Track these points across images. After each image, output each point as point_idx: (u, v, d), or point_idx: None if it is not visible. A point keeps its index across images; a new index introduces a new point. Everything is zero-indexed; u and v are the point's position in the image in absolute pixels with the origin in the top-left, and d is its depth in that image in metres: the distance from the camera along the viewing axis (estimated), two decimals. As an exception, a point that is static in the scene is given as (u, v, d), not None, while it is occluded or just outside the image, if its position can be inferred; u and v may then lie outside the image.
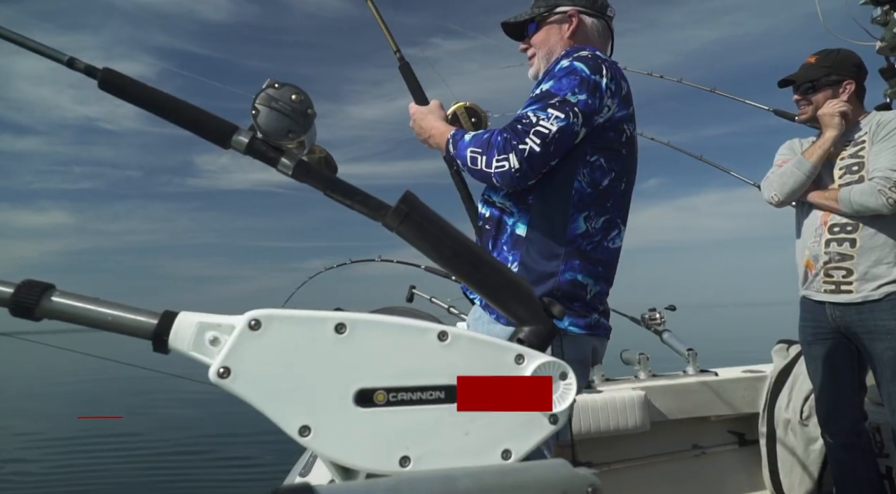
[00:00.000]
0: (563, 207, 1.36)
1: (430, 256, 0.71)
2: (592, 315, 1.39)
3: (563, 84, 1.32)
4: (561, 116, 1.27)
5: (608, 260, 1.43)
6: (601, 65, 1.36)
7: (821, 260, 2.22)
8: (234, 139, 0.69)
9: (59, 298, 0.60)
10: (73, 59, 0.68)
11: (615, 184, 1.41)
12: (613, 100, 1.36)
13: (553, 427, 0.61)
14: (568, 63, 1.36)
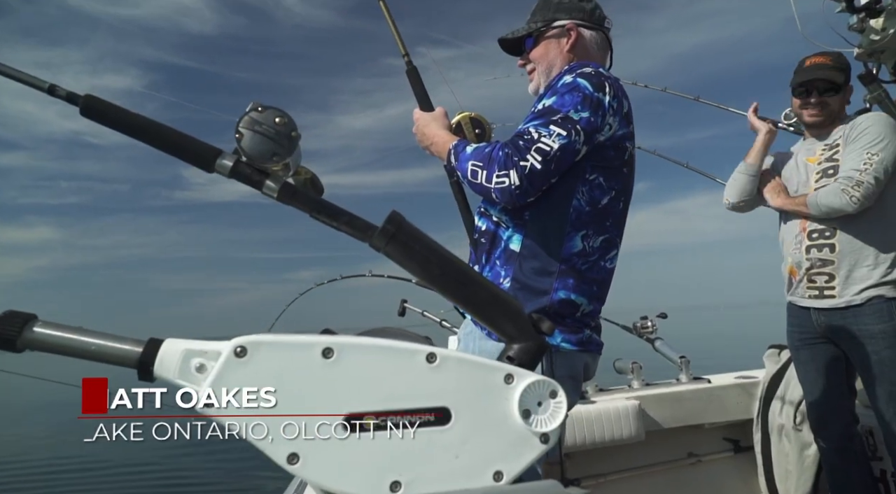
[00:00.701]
0: (560, 225, 1.34)
1: (419, 275, 0.71)
2: (584, 331, 1.38)
3: (566, 100, 1.30)
4: (563, 133, 1.26)
5: (603, 279, 1.41)
6: (604, 82, 1.34)
7: (803, 266, 2.23)
8: (218, 163, 0.69)
9: (42, 329, 0.59)
10: (53, 86, 0.67)
11: (614, 204, 1.40)
12: (615, 118, 1.35)
13: (544, 446, 0.60)
14: (571, 79, 1.34)
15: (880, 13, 2.43)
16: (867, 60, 2.58)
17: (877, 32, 2.45)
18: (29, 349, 0.59)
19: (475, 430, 0.59)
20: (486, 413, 0.60)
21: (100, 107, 0.67)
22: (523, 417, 0.60)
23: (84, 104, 0.67)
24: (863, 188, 2.02)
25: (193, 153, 0.69)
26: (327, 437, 0.56)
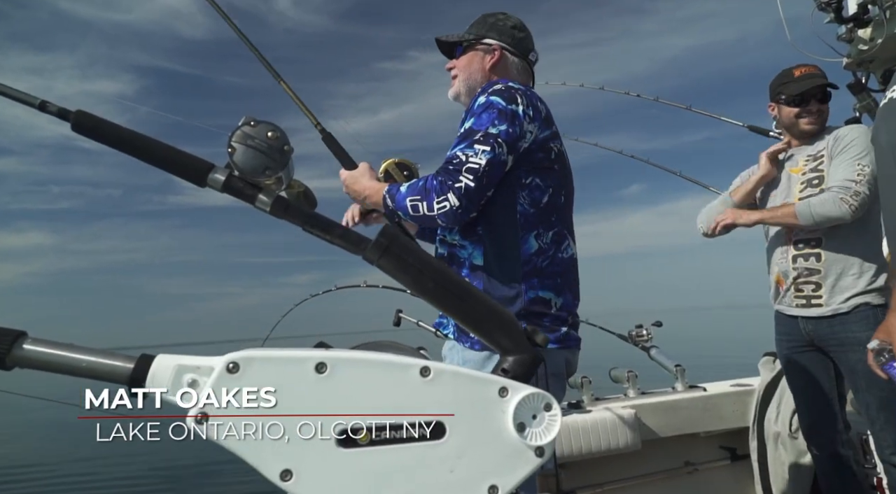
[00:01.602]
0: (513, 231, 1.43)
1: (412, 288, 0.71)
2: (562, 328, 1.45)
3: (483, 119, 1.40)
4: (487, 149, 1.35)
5: (565, 270, 1.49)
6: (515, 94, 1.43)
7: (790, 275, 2.24)
8: (211, 177, 0.69)
9: (32, 346, 0.58)
10: (44, 102, 0.67)
11: (555, 199, 1.49)
12: (534, 124, 1.44)
13: (539, 460, 0.60)
14: (484, 99, 1.44)
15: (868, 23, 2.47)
16: (856, 70, 2.61)
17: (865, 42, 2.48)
18: (19, 366, 0.58)
19: (470, 444, 0.59)
20: (480, 426, 0.59)
21: (91, 122, 0.67)
22: (518, 430, 0.60)
23: (75, 120, 0.67)
24: (860, 198, 2.04)
25: (185, 168, 0.68)
26: (321, 453, 0.55)
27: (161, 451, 8.72)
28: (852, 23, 2.48)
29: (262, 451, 0.54)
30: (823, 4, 2.51)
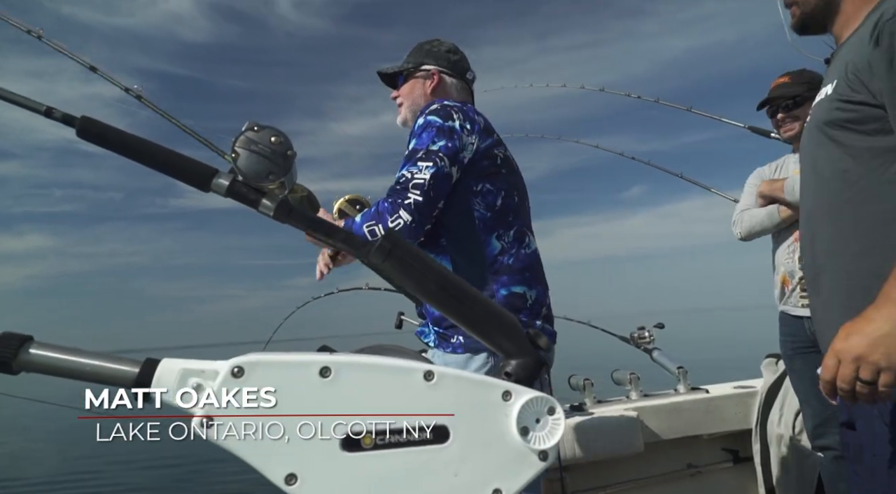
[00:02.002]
0: (474, 237, 1.54)
1: (415, 292, 0.71)
2: (536, 322, 1.54)
3: (424, 138, 1.50)
4: (430, 165, 1.45)
5: (531, 263, 1.59)
6: (450, 111, 1.54)
7: (796, 275, 2.25)
8: (215, 182, 0.69)
9: (38, 350, 0.59)
10: (50, 108, 0.68)
11: (509, 200, 1.59)
12: (473, 135, 1.54)
13: (543, 463, 0.60)
14: (423, 120, 1.55)
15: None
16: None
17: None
18: (25, 371, 0.59)
19: (473, 448, 0.59)
20: (484, 430, 0.60)
21: (96, 128, 0.67)
22: (522, 434, 0.60)
23: (80, 126, 0.67)
24: None
25: (189, 173, 0.69)
26: (325, 456, 0.55)
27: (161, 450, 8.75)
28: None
29: (266, 455, 0.55)
30: (824, 5, 2.52)
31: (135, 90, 2.19)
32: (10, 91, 0.69)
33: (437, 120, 1.52)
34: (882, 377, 0.94)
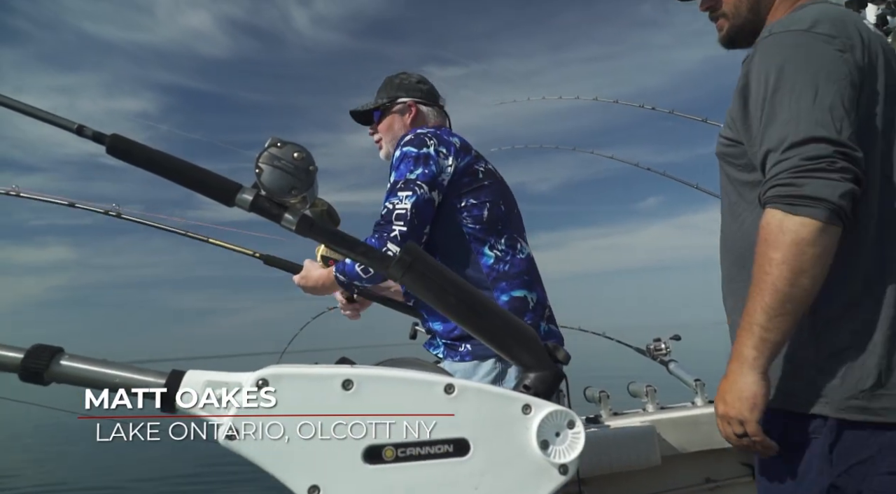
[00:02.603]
0: (466, 250, 1.58)
1: (434, 304, 0.71)
2: (541, 324, 1.58)
3: (402, 169, 1.55)
4: (409, 194, 1.49)
5: (527, 267, 1.63)
6: (423, 138, 1.59)
7: None
8: (239, 197, 0.70)
9: (68, 362, 0.60)
10: (81, 126, 0.70)
11: (496, 210, 1.63)
12: (448, 158, 1.59)
13: (563, 477, 0.60)
14: (399, 152, 1.59)
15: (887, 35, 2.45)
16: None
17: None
18: (56, 382, 0.60)
19: (494, 461, 0.59)
20: (504, 444, 0.60)
21: (125, 146, 0.69)
22: (542, 448, 0.60)
23: (110, 143, 0.69)
24: None
25: (215, 188, 0.70)
26: (348, 469, 0.56)
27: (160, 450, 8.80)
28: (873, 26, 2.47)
29: (290, 467, 0.55)
30: (841, 16, 2.50)
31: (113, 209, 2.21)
32: (43, 110, 0.71)
33: (412, 149, 1.57)
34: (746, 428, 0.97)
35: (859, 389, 0.95)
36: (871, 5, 2.49)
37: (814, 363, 0.99)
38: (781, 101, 0.97)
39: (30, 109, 0.72)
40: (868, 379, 0.95)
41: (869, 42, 1.00)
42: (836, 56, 0.97)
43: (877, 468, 0.93)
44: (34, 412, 3.07)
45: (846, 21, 1.01)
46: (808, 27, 1.00)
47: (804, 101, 0.94)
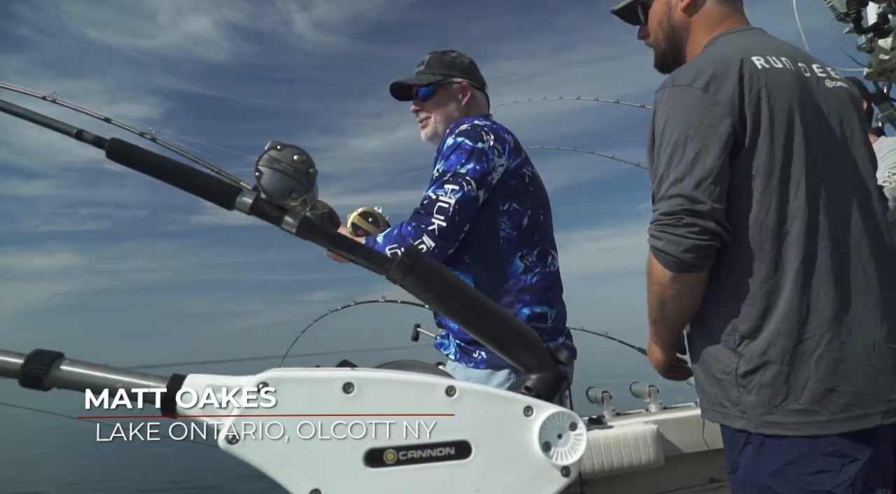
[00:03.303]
0: (498, 255, 1.51)
1: (436, 307, 0.71)
2: (558, 339, 1.54)
3: (452, 160, 1.47)
4: (456, 188, 1.42)
5: (552, 283, 1.59)
6: (481, 132, 1.51)
7: None
8: (239, 200, 0.70)
9: (68, 367, 0.60)
10: (81, 131, 0.70)
11: (535, 219, 1.57)
12: (503, 156, 1.52)
13: (565, 479, 0.60)
14: (452, 140, 1.51)
15: (889, 33, 2.45)
16: (877, 80, 2.59)
17: (886, 52, 2.46)
18: (56, 387, 0.60)
19: (496, 463, 0.59)
20: (506, 446, 0.60)
21: (125, 150, 0.69)
22: (544, 450, 0.60)
23: (110, 147, 0.69)
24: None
25: (214, 192, 0.70)
26: (349, 472, 0.56)
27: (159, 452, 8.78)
28: (872, 33, 2.46)
29: (291, 471, 0.55)
30: (842, 15, 2.50)
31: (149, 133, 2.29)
32: (43, 115, 0.72)
33: (468, 142, 1.48)
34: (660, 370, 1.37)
35: (772, 405, 1.07)
36: (872, 4, 2.48)
37: (734, 382, 1.11)
38: (659, 157, 1.13)
39: (29, 114, 0.73)
40: (777, 396, 1.06)
41: (754, 80, 1.10)
42: (707, 111, 1.08)
43: (801, 469, 1.05)
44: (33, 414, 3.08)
45: (729, 67, 1.11)
46: (690, 82, 1.12)
47: (674, 159, 1.09)
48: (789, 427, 1.06)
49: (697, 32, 1.27)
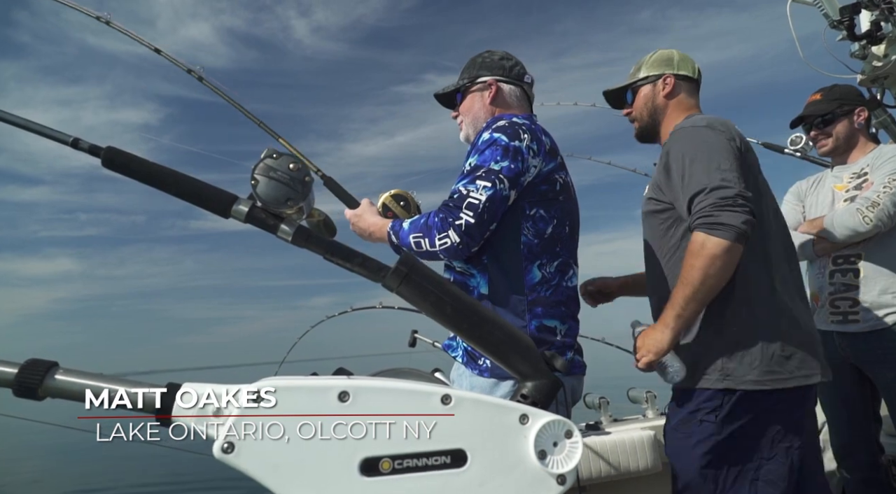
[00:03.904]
0: (516, 261, 1.46)
1: (431, 315, 0.71)
2: (567, 353, 1.47)
3: (487, 155, 1.43)
4: (488, 185, 1.38)
5: (568, 298, 1.53)
6: (518, 130, 1.47)
7: (825, 291, 2.21)
8: (234, 209, 0.71)
9: (63, 376, 0.60)
10: (77, 139, 0.70)
11: (559, 230, 1.52)
12: (538, 158, 1.47)
13: (561, 488, 0.60)
14: (488, 135, 1.46)
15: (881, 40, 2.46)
16: (871, 86, 2.60)
17: (879, 59, 2.48)
18: (50, 396, 0.60)
19: (491, 472, 0.59)
20: (502, 454, 0.60)
21: (120, 158, 0.69)
22: (539, 458, 0.60)
23: (105, 156, 0.69)
24: (877, 210, 2.02)
25: (210, 200, 0.70)
26: (344, 481, 0.56)
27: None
28: (865, 40, 2.48)
29: (286, 480, 0.55)
30: (836, 22, 2.51)
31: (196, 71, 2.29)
32: (39, 123, 0.71)
33: (504, 138, 1.44)
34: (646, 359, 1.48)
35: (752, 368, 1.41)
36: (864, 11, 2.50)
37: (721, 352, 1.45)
38: (697, 168, 1.44)
39: (26, 123, 0.73)
40: (755, 361, 1.41)
41: (742, 137, 1.55)
42: (726, 142, 1.47)
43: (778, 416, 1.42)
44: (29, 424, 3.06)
45: (728, 123, 1.55)
46: (706, 125, 1.52)
47: (712, 166, 1.41)
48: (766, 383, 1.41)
49: (673, 112, 1.72)
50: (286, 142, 1.94)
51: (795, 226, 2.33)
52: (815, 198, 2.36)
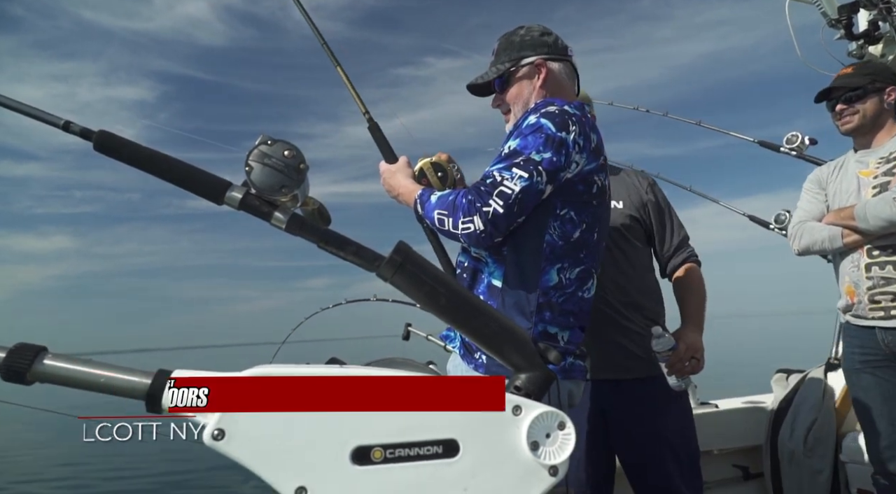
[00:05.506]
0: (535, 260, 1.36)
1: (425, 305, 0.71)
2: (567, 358, 1.39)
3: (529, 142, 1.32)
4: (525, 176, 1.28)
5: (580, 310, 1.43)
6: (568, 120, 1.35)
7: (863, 285, 2.07)
8: (228, 195, 0.70)
9: (51, 361, 0.59)
10: (68, 122, 0.69)
11: (587, 236, 1.41)
12: (582, 154, 1.36)
13: (553, 479, 0.60)
14: (535, 120, 1.35)
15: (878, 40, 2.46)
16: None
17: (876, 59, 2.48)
18: (38, 381, 0.59)
19: (483, 463, 0.59)
20: (494, 445, 0.59)
21: (112, 142, 0.68)
22: (532, 449, 0.60)
23: (97, 140, 0.68)
24: None
25: (203, 186, 0.70)
26: (335, 470, 0.55)
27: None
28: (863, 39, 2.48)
29: (277, 468, 0.55)
30: (833, 21, 2.51)
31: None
32: (29, 105, 0.70)
33: (551, 127, 1.32)
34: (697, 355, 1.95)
35: None
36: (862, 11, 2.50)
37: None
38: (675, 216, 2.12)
39: (15, 105, 0.71)
40: None
41: None
42: None
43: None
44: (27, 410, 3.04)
45: None
46: None
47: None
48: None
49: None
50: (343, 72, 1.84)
51: (819, 216, 2.22)
52: (839, 186, 2.21)
